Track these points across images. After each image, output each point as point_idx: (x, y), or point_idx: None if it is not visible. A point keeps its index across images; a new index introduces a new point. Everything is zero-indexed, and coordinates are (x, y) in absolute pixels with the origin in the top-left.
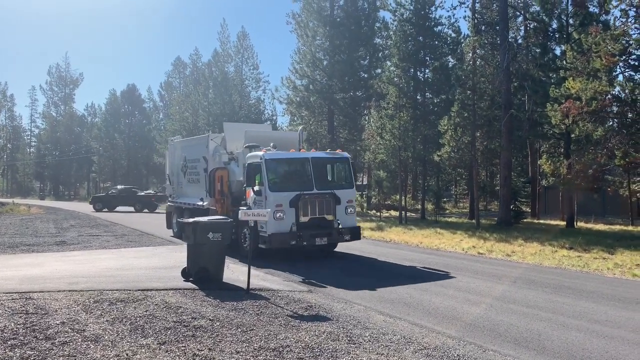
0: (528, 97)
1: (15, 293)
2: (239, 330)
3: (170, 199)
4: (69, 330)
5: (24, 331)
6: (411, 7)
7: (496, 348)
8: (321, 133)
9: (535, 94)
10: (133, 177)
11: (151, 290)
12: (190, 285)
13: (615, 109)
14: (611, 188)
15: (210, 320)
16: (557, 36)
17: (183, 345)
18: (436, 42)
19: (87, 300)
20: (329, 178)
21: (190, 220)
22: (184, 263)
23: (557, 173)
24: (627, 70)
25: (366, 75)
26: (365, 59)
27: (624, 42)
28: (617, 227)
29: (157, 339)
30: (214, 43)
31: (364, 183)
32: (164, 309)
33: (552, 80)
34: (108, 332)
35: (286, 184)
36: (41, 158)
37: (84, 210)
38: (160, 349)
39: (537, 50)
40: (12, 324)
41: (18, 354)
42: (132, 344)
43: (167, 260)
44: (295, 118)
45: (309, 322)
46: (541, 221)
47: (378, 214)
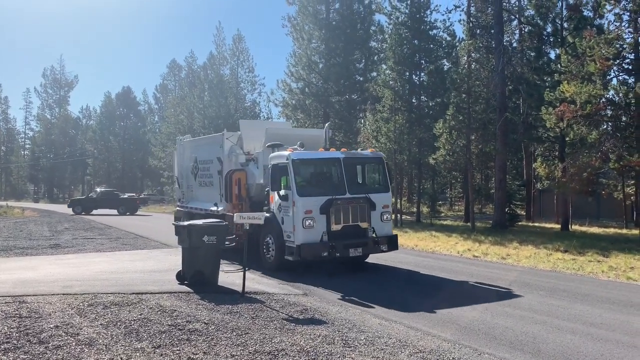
0: (523, 101)
1: (8, 297)
2: (234, 333)
3: (179, 204)
4: (63, 334)
5: (18, 335)
6: (406, 11)
7: (491, 351)
8: None
9: (530, 98)
10: (128, 180)
11: (146, 293)
12: (185, 288)
13: (609, 113)
14: (605, 191)
15: (205, 323)
16: (552, 40)
17: (178, 349)
18: (431, 46)
19: (81, 303)
20: (362, 180)
21: (185, 223)
22: (179, 266)
23: (552, 176)
24: (621, 74)
25: (362, 78)
26: (360, 62)
27: (618, 46)
28: (612, 230)
29: (152, 343)
30: (210, 46)
31: None
32: (159, 313)
33: (547, 83)
34: (102, 336)
35: (316, 188)
36: (35, 161)
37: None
38: (154, 353)
39: (532, 53)
40: (6, 328)
41: (11, 358)
42: (127, 348)
43: (162, 263)
44: (291, 121)
45: (305, 326)
46: (536, 224)
47: None
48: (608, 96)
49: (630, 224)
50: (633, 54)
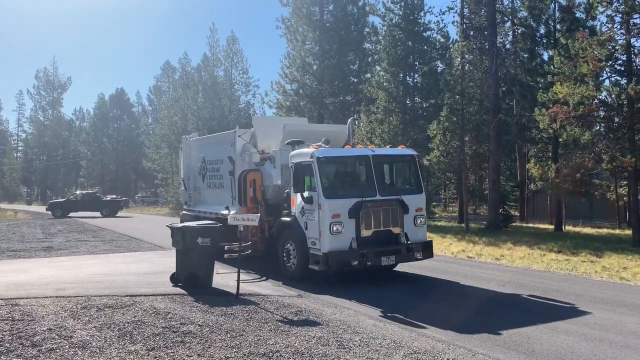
0: (516, 102)
1: (1, 300)
2: (229, 335)
3: (185, 207)
4: (56, 336)
5: (10, 338)
6: (400, 12)
7: (486, 352)
8: None
9: (523, 99)
10: (121, 182)
11: (140, 295)
12: (179, 290)
13: (602, 114)
14: (598, 192)
15: (199, 325)
16: (545, 41)
17: (172, 351)
18: (425, 47)
19: (75, 306)
20: (392, 180)
21: (179, 225)
22: (173, 268)
23: (545, 177)
24: (614, 75)
25: (356, 79)
26: (354, 64)
27: (610, 48)
28: (605, 231)
29: (146, 345)
30: (203, 47)
31: None
32: (153, 315)
33: (540, 85)
34: (96, 339)
35: (343, 189)
36: (28, 163)
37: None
38: (149, 355)
39: (525, 55)
40: None
41: None
42: (120, 350)
43: (156, 265)
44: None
45: (299, 327)
46: (530, 225)
47: None
48: (601, 97)
49: (623, 225)
50: (625, 55)
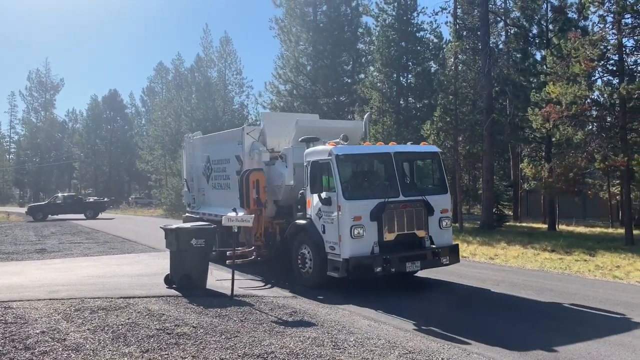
0: (509, 102)
1: None
2: (223, 337)
3: (188, 209)
4: (49, 339)
5: (3, 341)
6: (393, 13)
7: (480, 351)
8: None
9: (516, 99)
10: (115, 184)
11: (134, 297)
12: (173, 292)
13: (594, 113)
14: (591, 191)
15: (193, 327)
16: (537, 41)
17: (166, 353)
18: (418, 48)
19: (68, 308)
20: (415, 180)
21: (173, 226)
22: (167, 270)
23: (539, 176)
24: (606, 75)
25: (349, 80)
26: (348, 64)
27: (602, 48)
28: (598, 230)
29: (140, 347)
30: (197, 48)
31: None
32: (147, 317)
33: (533, 84)
34: (89, 341)
35: (364, 189)
36: (21, 165)
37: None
38: (143, 357)
39: (518, 55)
40: None
41: None
42: (114, 353)
43: (150, 267)
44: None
45: (294, 328)
46: (523, 224)
47: None
48: (593, 97)
49: (615, 224)
50: (617, 55)
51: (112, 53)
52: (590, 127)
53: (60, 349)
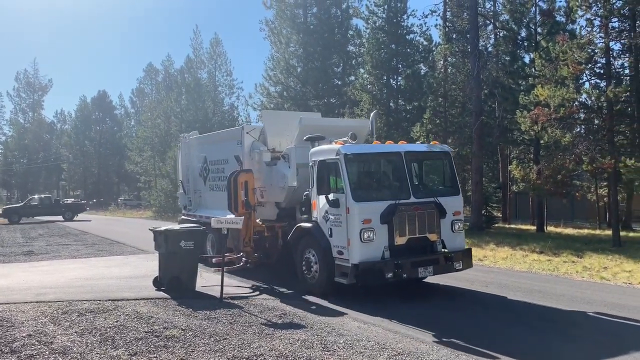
0: (498, 104)
1: None
2: (212, 339)
3: (184, 211)
4: (36, 342)
5: None
6: (383, 15)
7: (469, 352)
8: None
9: (505, 101)
10: (104, 185)
11: (122, 300)
12: (162, 294)
13: (582, 116)
14: (579, 193)
15: (182, 329)
16: (526, 44)
17: (154, 355)
18: (408, 50)
19: (55, 311)
20: (426, 180)
21: (162, 228)
22: (156, 272)
23: (527, 178)
24: (593, 77)
25: (340, 82)
26: (338, 66)
27: (590, 51)
28: (585, 231)
29: (128, 350)
30: (187, 49)
31: None
32: (135, 319)
33: (522, 87)
34: (77, 344)
35: (374, 190)
36: (8, 166)
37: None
38: None
39: (507, 58)
40: None
41: None
42: (102, 356)
43: (139, 269)
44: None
45: (283, 330)
46: (512, 226)
47: None
48: (581, 100)
49: (603, 225)
50: (604, 58)
51: (102, 54)
52: (578, 130)
53: (47, 352)
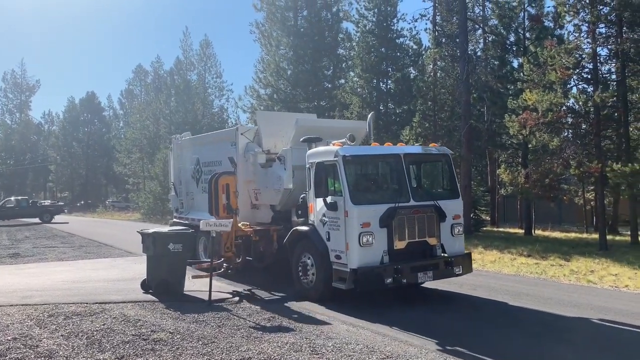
0: (487, 108)
1: None
2: (200, 342)
3: (176, 214)
4: (21, 346)
5: None
6: (374, 19)
7: (457, 355)
8: None
9: (494, 105)
10: (91, 187)
11: (109, 303)
12: (150, 297)
13: (569, 120)
14: (567, 197)
15: (170, 333)
16: (515, 49)
17: (142, 359)
18: (398, 54)
19: (41, 314)
20: (425, 183)
21: (150, 230)
22: (144, 275)
23: (515, 182)
24: (581, 83)
25: (330, 85)
26: (329, 69)
27: (577, 56)
28: (573, 235)
29: (115, 354)
30: (176, 51)
31: None
32: (123, 322)
33: (510, 91)
34: (63, 348)
35: (373, 193)
36: None
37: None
38: None
39: (496, 62)
40: None
41: None
42: (89, 359)
43: (127, 272)
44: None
45: (272, 333)
46: (500, 229)
47: None
48: (568, 104)
49: (590, 229)
50: (591, 64)
51: (90, 55)
52: (565, 134)
53: (32, 356)
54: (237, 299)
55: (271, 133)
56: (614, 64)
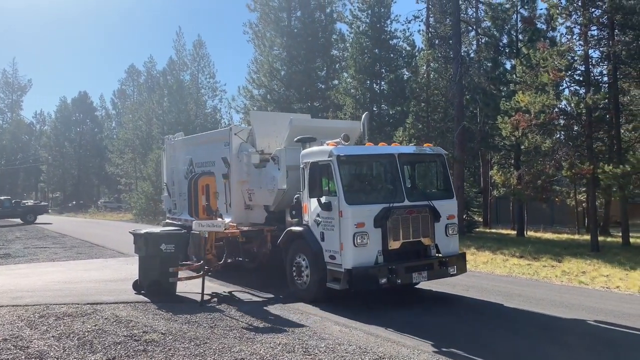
0: (480, 110)
1: None
2: (192, 343)
3: (169, 215)
4: (12, 347)
5: None
6: (367, 20)
7: (450, 356)
8: None
9: (486, 107)
10: (83, 187)
11: (101, 303)
12: (142, 298)
13: (562, 122)
14: (559, 198)
15: (162, 334)
16: (508, 51)
17: None
18: (391, 55)
19: (32, 315)
20: (419, 183)
21: (142, 231)
22: (136, 275)
23: (508, 183)
24: (573, 84)
25: (323, 86)
26: (322, 70)
27: (570, 58)
28: (565, 236)
29: (107, 355)
30: (170, 51)
31: None
32: (114, 323)
33: (503, 93)
34: (54, 349)
35: (367, 193)
36: None
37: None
38: None
39: (489, 64)
40: None
41: None
42: None
43: (119, 272)
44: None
45: (264, 334)
46: (493, 230)
47: None
48: (561, 106)
49: (582, 230)
50: (583, 66)
51: (83, 54)
52: (557, 136)
53: (23, 357)
54: (230, 300)
55: (265, 133)
56: (606, 66)
